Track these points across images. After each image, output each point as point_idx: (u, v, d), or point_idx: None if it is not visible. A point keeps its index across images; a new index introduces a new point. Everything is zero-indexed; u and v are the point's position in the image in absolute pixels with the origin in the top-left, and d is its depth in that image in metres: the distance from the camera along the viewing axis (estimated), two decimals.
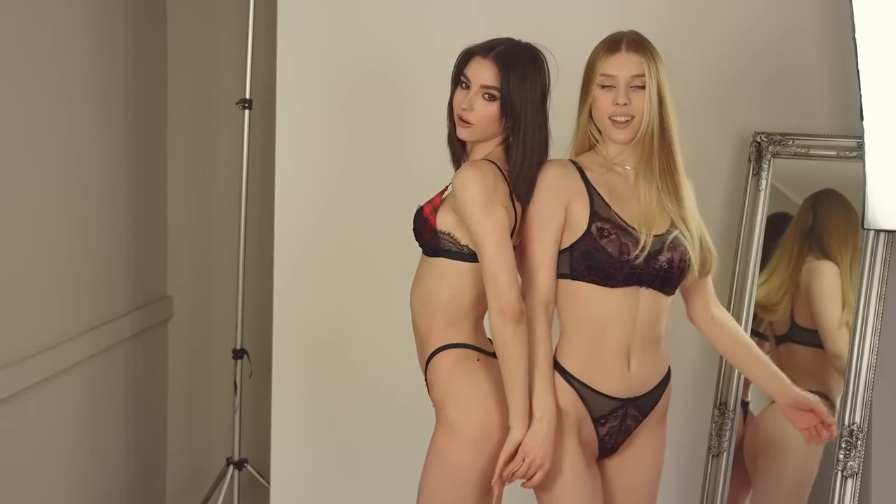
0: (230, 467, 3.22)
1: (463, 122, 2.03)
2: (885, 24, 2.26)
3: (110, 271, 3.11)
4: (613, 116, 2.00)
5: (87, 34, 2.89)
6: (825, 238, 2.59)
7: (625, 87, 1.98)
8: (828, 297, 2.57)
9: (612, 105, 2.00)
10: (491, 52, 2.01)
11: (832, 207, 2.60)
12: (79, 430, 2.95)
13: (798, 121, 2.63)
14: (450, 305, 2.02)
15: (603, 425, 2.03)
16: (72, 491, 2.92)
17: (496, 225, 1.93)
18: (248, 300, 3.26)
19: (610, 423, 2.04)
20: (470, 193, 1.93)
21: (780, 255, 2.61)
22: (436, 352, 2.05)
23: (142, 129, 3.27)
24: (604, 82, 2.01)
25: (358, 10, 2.82)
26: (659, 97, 2.01)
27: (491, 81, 2.00)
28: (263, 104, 3.18)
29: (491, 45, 2.02)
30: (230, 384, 3.25)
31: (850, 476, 2.42)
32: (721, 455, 2.62)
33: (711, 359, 2.69)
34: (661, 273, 2.00)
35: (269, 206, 2.98)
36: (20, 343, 2.59)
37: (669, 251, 2.00)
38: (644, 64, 2.00)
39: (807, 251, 2.61)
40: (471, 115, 2.02)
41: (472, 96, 2.01)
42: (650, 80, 1.99)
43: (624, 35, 2.03)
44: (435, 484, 2.00)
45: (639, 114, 2.00)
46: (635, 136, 2.01)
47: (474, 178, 1.94)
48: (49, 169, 2.73)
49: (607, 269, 1.96)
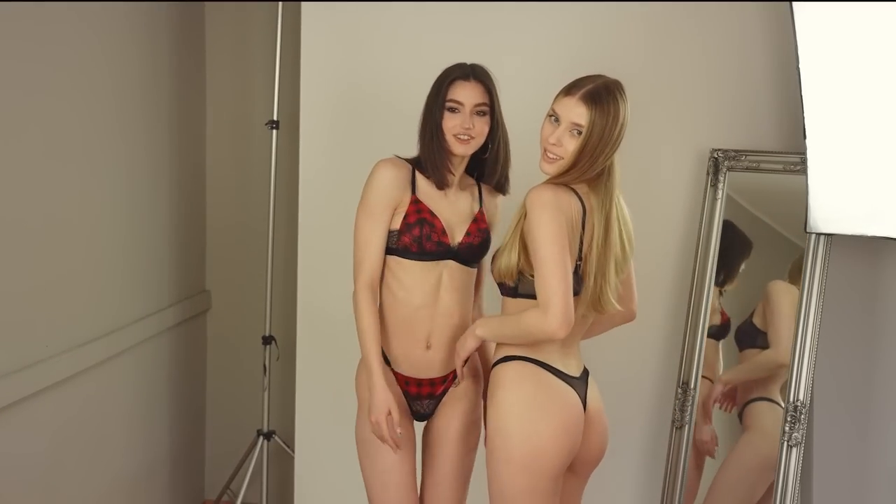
0: (260, 438, 3.23)
1: (464, 140, 2.07)
2: (824, 56, 2.28)
3: (156, 269, 3.12)
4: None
5: (136, 63, 2.90)
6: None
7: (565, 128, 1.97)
8: (785, 314, 2.54)
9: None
10: (472, 76, 2.09)
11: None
12: (130, 405, 2.97)
13: (750, 139, 2.62)
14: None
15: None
16: (125, 457, 2.94)
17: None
18: (276, 293, 3.26)
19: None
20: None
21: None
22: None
23: (183, 146, 3.27)
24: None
25: (374, 39, 2.82)
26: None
27: (483, 99, 2.09)
28: (289, 124, 3.19)
29: (470, 70, 2.10)
30: (260, 366, 3.25)
31: (795, 446, 2.42)
32: (683, 428, 2.62)
33: (675, 343, 2.71)
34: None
35: (294, 212, 3.00)
36: (80, 331, 2.62)
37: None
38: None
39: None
40: (472, 131, 2.08)
41: (470, 117, 2.07)
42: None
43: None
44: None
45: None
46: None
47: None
48: (104, 179, 2.73)
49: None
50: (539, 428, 1.91)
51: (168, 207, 3.18)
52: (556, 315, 1.81)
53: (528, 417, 1.92)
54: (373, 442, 2.10)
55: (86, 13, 2.58)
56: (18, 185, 2.32)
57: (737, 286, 2.65)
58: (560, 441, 1.92)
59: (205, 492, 3.60)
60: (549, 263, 1.83)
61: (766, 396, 2.57)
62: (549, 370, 1.98)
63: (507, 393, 1.95)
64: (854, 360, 2.58)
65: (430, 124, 2.09)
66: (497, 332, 2.00)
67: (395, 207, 2.10)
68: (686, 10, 2.65)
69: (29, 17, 2.32)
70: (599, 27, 2.70)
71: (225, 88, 3.44)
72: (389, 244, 2.11)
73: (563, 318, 1.82)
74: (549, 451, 1.91)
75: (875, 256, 2.54)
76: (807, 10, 2.26)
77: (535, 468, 1.91)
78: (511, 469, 1.92)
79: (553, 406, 1.94)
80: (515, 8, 2.74)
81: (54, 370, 2.46)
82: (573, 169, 1.92)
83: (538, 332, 1.86)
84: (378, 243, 2.09)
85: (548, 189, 1.90)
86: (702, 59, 2.67)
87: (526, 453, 1.91)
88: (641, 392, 2.77)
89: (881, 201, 2.29)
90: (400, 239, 2.10)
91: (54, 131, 2.47)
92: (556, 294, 1.81)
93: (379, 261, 2.09)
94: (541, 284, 1.84)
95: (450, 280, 2.13)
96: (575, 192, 1.94)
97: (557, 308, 1.81)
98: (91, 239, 2.68)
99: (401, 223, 2.10)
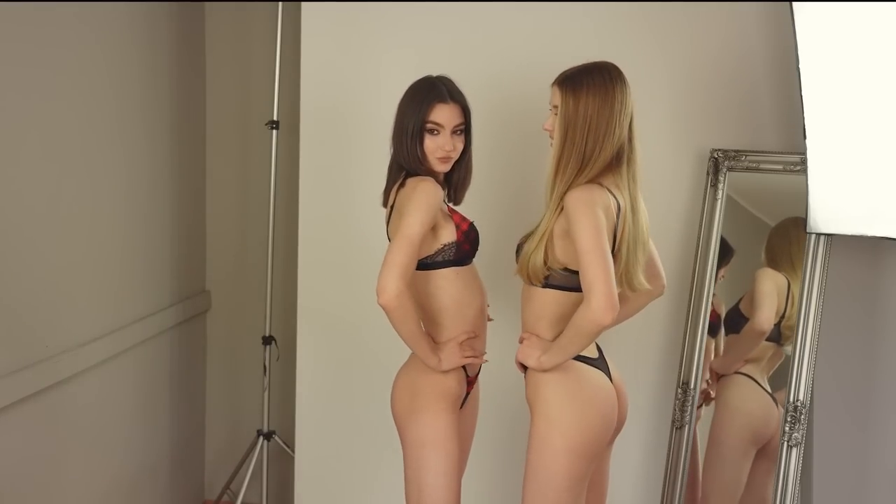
0: (260, 438, 3.24)
1: (445, 160, 2.12)
2: (824, 56, 2.28)
3: (157, 269, 3.13)
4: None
5: (136, 64, 2.91)
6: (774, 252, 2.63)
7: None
8: (766, 292, 2.59)
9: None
10: (450, 97, 2.11)
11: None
12: (131, 405, 2.97)
13: (750, 139, 2.63)
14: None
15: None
16: (125, 456, 2.94)
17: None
18: (276, 294, 3.27)
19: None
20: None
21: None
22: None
23: (184, 148, 3.27)
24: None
25: (374, 39, 2.82)
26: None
27: (461, 119, 2.13)
28: (289, 124, 3.20)
29: (447, 92, 2.10)
30: (260, 366, 3.26)
31: (795, 445, 2.42)
32: (683, 428, 2.63)
33: (675, 343, 2.71)
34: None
35: (294, 212, 3.02)
36: (81, 331, 2.63)
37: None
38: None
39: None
40: (453, 151, 2.13)
41: (450, 138, 2.10)
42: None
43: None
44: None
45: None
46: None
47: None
48: (104, 179, 2.74)
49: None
50: (588, 417, 2.03)
51: (168, 207, 3.18)
52: (601, 300, 1.88)
53: (576, 409, 2.04)
54: (437, 444, 2.10)
55: (86, 13, 2.58)
56: (19, 185, 2.32)
57: (717, 288, 2.67)
58: (605, 424, 2.06)
59: (205, 492, 3.60)
60: (590, 253, 1.91)
61: (740, 371, 2.60)
62: (579, 360, 2.10)
63: (551, 388, 2.06)
64: (854, 360, 2.58)
65: (408, 144, 2.11)
66: (562, 356, 2.04)
67: (437, 217, 2.10)
68: (686, 10, 2.65)
69: (29, 17, 2.33)
70: (599, 27, 2.71)
71: (225, 88, 3.45)
72: (444, 258, 2.13)
73: (608, 301, 1.89)
74: (598, 437, 2.04)
75: (875, 256, 2.54)
76: (807, 10, 2.27)
77: (585, 454, 2.03)
78: (560, 458, 2.01)
79: (594, 394, 2.07)
80: (515, 8, 2.75)
81: (54, 370, 2.47)
82: (563, 153, 2.00)
83: (591, 326, 1.92)
84: (423, 241, 2.08)
85: (582, 189, 1.99)
86: (702, 59, 2.67)
87: (578, 443, 2.02)
88: (641, 392, 2.77)
89: (881, 201, 2.30)
90: (459, 249, 2.14)
91: (54, 131, 2.47)
92: (598, 279, 1.89)
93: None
94: (584, 274, 1.92)
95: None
96: (606, 189, 2.02)
97: (601, 293, 1.88)
98: (91, 239, 2.69)
99: (458, 234, 2.13)
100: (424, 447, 2.11)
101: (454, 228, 2.13)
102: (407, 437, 2.14)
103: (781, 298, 2.56)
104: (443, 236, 2.12)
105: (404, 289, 1.99)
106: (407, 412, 2.14)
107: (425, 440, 2.11)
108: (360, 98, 2.85)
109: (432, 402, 2.12)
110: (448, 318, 2.17)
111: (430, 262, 2.13)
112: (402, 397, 2.17)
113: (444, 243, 2.12)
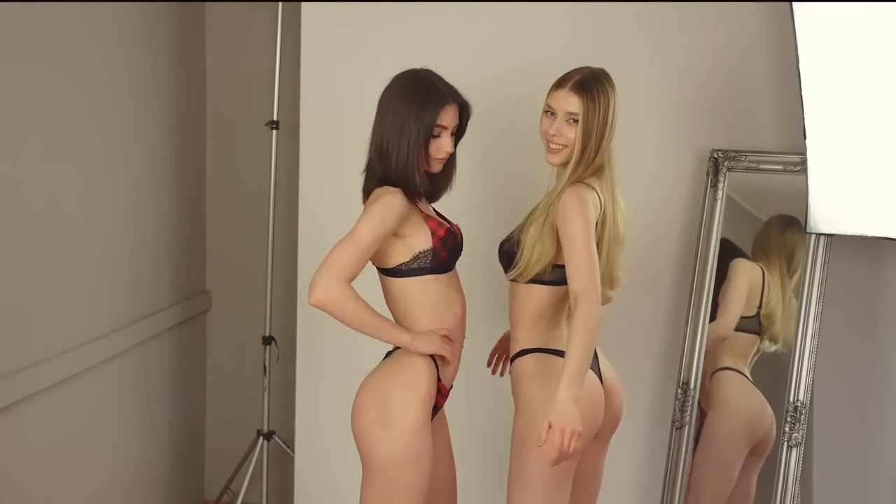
0: (260, 438, 3.24)
1: (442, 159, 2.09)
2: (824, 56, 2.29)
3: (156, 269, 3.12)
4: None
5: (136, 63, 2.91)
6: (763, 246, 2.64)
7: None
8: (737, 289, 2.61)
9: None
10: (452, 98, 2.07)
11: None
12: (131, 405, 2.97)
13: (750, 139, 2.63)
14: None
15: None
16: (125, 457, 2.94)
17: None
18: (276, 294, 3.27)
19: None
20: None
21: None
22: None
23: (183, 146, 3.28)
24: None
25: (374, 39, 2.81)
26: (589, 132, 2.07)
27: (458, 120, 2.10)
28: (289, 124, 3.20)
29: (449, 93, 2.08)
30: (260, 367, 3.25)
31: (795, 446, 2.42)
32: (683, 428, 2.62)
33: (675, 344, 2.71)
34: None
35: (294, 212, 3.01)
36: (80, 331, 2.62)
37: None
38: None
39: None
40: (450, 150, 2.10)
41: (450, 138, 2.08)
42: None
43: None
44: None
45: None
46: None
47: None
48: (104, 179, 2.74)
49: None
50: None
51: (168, 207, 3.18)
52: (594, 294, 1.94)
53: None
54: (414, 463, 1.99)
55: (86, 13, 2.59)
56: (18, 185, 2.32)
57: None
58: (588, 421, 2.01)
59: (205, 492, 3.60)
60: (583, 251, 1.97)
61: (730, 366, 2.60)
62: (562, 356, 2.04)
63: (533, 386, 2.07)
64: (854, 360, 2.60)
65: (410, 146, 2.03)
66: (579, 375, 1.92)
67: (400, 227, 2.05)
68: (686, 11, 2.66)
69: (29, 16, 2.33)
70: (599, 27, 2.71)
71: (225, 88, 3.45)
72: (420, 265, 2.07)
73: (598, 296, 1.95)
74: (581, 435, 1.95)
75: (875, 256, 2.55)
76: (807, 10, 2.28)
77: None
78: (541, 453, 1.94)
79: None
80: (515, 8, 2.75)
81: (54, 370, 2.47)
82: (583, 157, 2.07)
83: (590, 322, 1.92)
84: (373, 249, 2.03)
85: (578, 188, 2.05)
86: (702, 59, 2.67)
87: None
88: (641, 392, 2.77)
89: (881, 201, 2.32)
90: (436, 256, 2.07)
91: (54, 131, 2.47)
92: (592, 275, 1.95)
93: (364, 265, 2.05)
94: (576, 270, 1.97)
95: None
96: (592, 188, 2.09)
97: (594, 287, 1.94)
98: (91, 239, 2.69)
99: (433, 240, 2.06)
100: (402, 466, 1.97)
101: (430, 235, 2.06)
102: (376, 453, 1.99)
103: (756, 291, 2.58)
104: (416, 244, 2.06)
105: (336, 287, 1.95)
106: (376, 425, 2.00)
107: (403, 457, 1.97)
108: (360, 98, 2.82)
109: (409, 410, 1.99)
110: (426, 326, 2.09)
111: (405, 269, 2.07)
112: (369, 409, 2.03)
113: (420, 250, 2.06)
